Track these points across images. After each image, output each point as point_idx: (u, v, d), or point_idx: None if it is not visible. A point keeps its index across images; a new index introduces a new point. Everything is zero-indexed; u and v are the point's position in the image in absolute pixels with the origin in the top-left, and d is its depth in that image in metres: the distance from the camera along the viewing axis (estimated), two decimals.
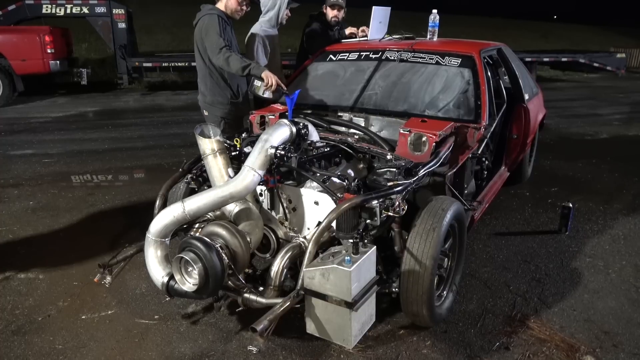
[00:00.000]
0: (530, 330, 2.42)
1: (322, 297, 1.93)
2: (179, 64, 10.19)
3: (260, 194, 2.48)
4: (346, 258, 1.88)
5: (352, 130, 2.97)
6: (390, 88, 3.27)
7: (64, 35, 9.61)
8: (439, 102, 3.11)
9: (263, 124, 3.07)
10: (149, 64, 10.19)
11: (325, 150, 2.61)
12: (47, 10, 9.36)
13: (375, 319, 2.12)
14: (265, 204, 2.48)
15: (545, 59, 12.46)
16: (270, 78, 3.04)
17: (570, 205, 3.49)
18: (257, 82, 3.10)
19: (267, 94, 3.10)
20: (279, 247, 2.38)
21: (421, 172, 2.34)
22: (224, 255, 2.04)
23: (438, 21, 3.69)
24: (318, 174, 2.35)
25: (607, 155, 5.66)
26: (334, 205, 2.19)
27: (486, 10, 36.08)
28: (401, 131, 2.63)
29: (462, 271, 2.67)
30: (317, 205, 2.32)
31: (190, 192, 2.62)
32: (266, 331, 1.83)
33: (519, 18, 31.28)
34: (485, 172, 3.23)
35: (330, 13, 4.12)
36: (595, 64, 12.95)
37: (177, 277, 2.07)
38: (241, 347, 2.27)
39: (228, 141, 2.53)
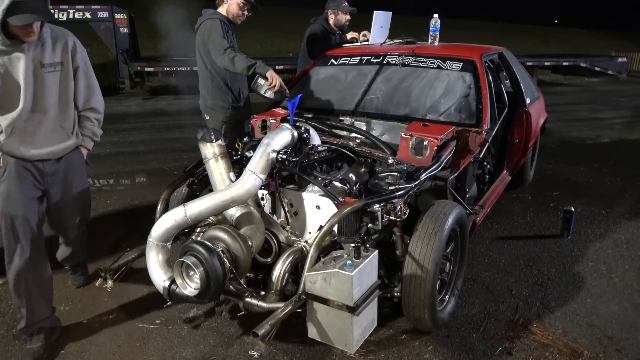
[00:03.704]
0: (532, 335, 2.41)
1: (324, 301, 1.92)
2: (181, 68, 10.22)
3: (262, 198, 2.48)
4: (348, 262, 1.87)
5: (353, 135, 2.97)
6: (392, 92, 3.28)
7: None
8: (440, 106, 3.11)
9: (264, 128, 3.08)
10: (151, 69, 10.23)
11: (327, 154, 2.61)
12: None
13: (377, 323, 2.11)
14: (267, 208, 2.48)
15: (547, 63, 12.51)
16: (275, 78, 3.04)
17: (573, 209, 3.48)
18: (260, 81, 3.08)
19: (269, 94, 3.09)
20: (281, 252, 2.38)
21: (423, 176, 2.34)
22: (225, 259, 2.04)
23: (439, 25, 3.70)
24: (320, 178, 2.35)
25: (609, 159, 5.66)
26: (335, 210, 2.19)
27: (487, 15, 36.24)
28: (403, 135, 2.63)
29: (464, 275, 2.67)
30: (318, 210, 2.32)
31: (192, 196, 2.62)
32: (268, 336, 1.82)
33: (519, 22, 31.39)
34: (487, 176, 3.23)
35: (344, 18, 4.17)
36: (597, 68, 13.01)
37: (179, 281, 2.07)
38: (243, 352, 2.26)
39: (229, 145, 2.53)
